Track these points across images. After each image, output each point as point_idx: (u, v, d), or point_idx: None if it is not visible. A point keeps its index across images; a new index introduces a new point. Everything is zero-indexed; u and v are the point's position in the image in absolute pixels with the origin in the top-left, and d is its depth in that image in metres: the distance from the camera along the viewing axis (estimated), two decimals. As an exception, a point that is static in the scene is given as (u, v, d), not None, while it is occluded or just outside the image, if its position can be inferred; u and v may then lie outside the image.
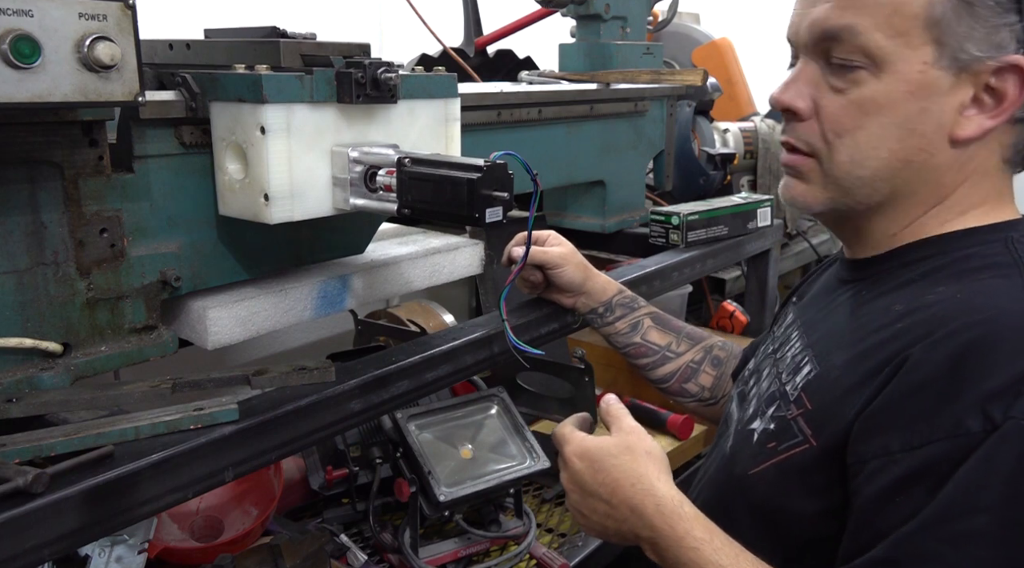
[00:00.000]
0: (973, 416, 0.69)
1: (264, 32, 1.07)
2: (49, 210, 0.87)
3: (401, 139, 1.03)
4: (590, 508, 0.91)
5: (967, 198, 0.85)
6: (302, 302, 1.10)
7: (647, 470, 0.88)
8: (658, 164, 1.98)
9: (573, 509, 0.94)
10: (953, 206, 0.86)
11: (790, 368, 0.93)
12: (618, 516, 0.88)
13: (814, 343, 0.92)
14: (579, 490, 0.92)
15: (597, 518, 0.91)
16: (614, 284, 1.32)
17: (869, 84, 0.81)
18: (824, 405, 0.83)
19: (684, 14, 2.70)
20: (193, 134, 0.98)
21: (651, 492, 0.86)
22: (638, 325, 1.31)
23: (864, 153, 0.84)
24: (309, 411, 0.94)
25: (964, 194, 0.85)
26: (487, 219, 0.87)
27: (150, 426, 0.83)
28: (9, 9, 0.70)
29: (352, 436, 1.48)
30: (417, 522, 1.36)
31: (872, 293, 0.88)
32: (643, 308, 1.32)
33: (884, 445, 0.73)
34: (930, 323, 0.76)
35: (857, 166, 0.84)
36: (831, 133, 0.85)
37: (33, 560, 0.72)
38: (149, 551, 1.18)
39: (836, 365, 0.84)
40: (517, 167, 0.90)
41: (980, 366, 0.70)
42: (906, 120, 0.82)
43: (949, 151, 0.83)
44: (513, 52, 2.10)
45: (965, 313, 0.74)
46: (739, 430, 0.97)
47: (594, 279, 1.29)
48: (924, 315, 0.77)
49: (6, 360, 0.87)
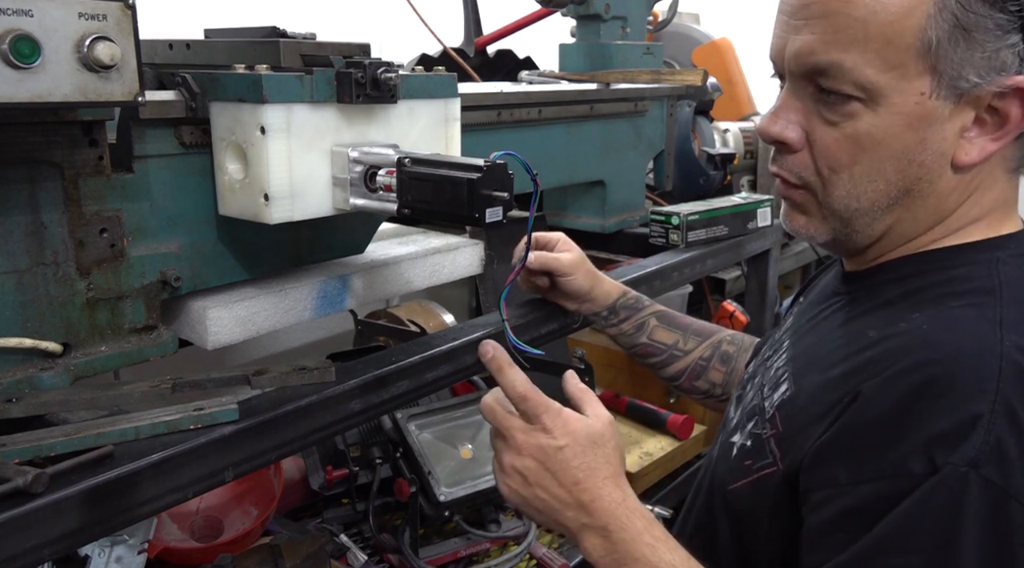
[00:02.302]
0: (916, 458, 0.68)
1: (264, 32, 1.07)
2: (49, 210, 0.87)
3: (401, 139, 1.03)
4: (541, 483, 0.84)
5: (968, 214, 0.82)
6: (302, 302, 1.10)
7: (617, 463, 0.86)
8: (658, 164, 1.98)
9: (513, 473, 0.86)
10: (951, 223, 0.82)
11: (771, 382, 0.92)
12: (568, 501, 0.84)
13: (795, 357, 0.91)
14: (539, 465, 0.84)
15: (542, 495, 0.84)
16: (618, 287, 1.31)
17: (864, 117, 0.77)
18: (791, 430, 0.82)
19: (684, 14, 2.70)
20: (193, 134, 0.98)
21: (620, 486, 0.84)
22: (644, 326, 1.30)
23: (861, 187, 0.80)
24: (309, 411, 0.94)
25: (964, 211, 0.82)
26: (487, 219, 0.87)
27: (150, 426, 0.83)
28: (9, 9, 0.70)
29: (352, 436, 1.48)
30: (417, 522, 1.36)
31: (857, 310, 0.86)
32: (648, 308, 1.32)
33: (832, 477, 0.73)
34: (889, 357, 0.74)
35: (854, 200, 0.81)
36: (825, 168, 0.81)
37: (33, 560, 0.72)
38: (149, 551, 1.18)
39: (806, 390, 0.83)
40: (517, 167, 0.89)
41: (929, 408, 0.69)
42: (904, 152, 0.78)
43: (951, 177, 0.79)
44: (513, 52, 2.10)
45: (923, 349, 0.73)
46: (723, 442, 0.97)
47: (600, 285, 1.28)
48: (889, 346, 0.76)
49: (6, 360, 0.87)
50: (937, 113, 0.76)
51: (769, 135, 0.84)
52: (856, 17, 0.75)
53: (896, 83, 0.75)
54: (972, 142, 0.78)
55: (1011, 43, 0.73)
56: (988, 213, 0.82)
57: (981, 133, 0.78)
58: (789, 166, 0.84)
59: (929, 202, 0.81)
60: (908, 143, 0.77)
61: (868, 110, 0.77)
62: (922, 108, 0.76)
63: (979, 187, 0.81)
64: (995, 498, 0.66)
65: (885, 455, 0.70)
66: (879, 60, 0.75)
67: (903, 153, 0.78)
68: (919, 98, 0.75)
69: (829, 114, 0.79)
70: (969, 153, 0.78)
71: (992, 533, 0.66)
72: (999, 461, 0.66)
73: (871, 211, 0.81)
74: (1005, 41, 0.73)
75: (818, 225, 0.86)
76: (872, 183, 0.80)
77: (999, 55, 0.74)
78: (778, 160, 0.85)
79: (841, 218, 0.83)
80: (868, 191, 0.80)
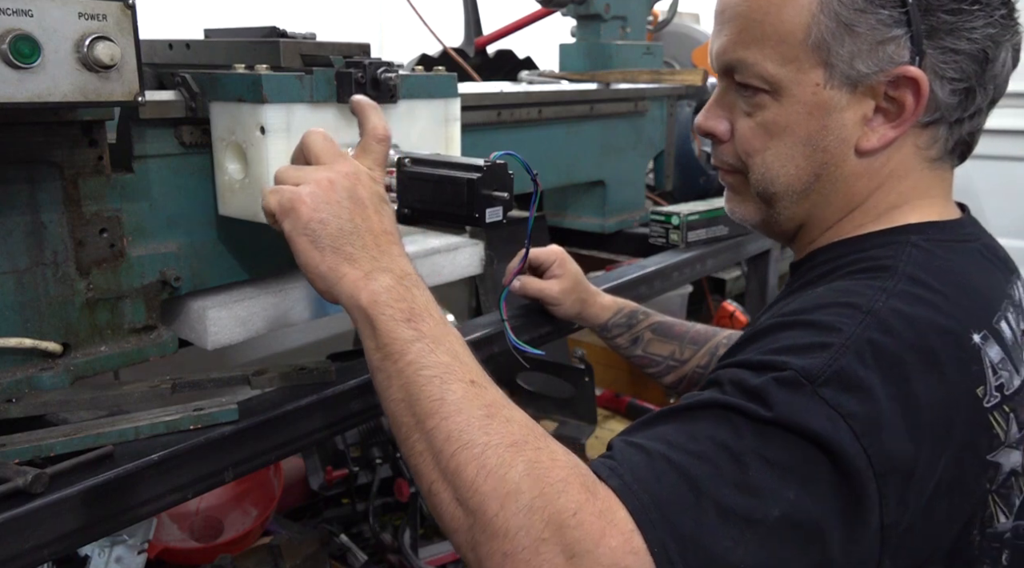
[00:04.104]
0: (725, 377, 0.73)
1: (264, 32, 1.07)
2: (49, 210, 0.87)
3: (401, 139, 1.03)
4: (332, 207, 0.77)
5: (884, 201, 0.87)
6: (302, 302, 1.10)
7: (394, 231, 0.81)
8: (658, 164, 1.99)
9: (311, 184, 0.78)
10: (869, 210, 0.87)
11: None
12: (370, 229, 0.78)
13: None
14: (353, 185, 0.79)
15: (345, 213, 0.77)
16: (609, 307, 1.32)
17: (771, 108, 0.85)
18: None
19: (684, 14, 2.70)
20: (193, 134, 0.98)
21: (403, 256, 0.80)
22: (639, 339, 1.32)
23: (774, 171, 0.88)
24: (309, 411, 0.94)
25: (880, 198, 0.87)
26: (487, 219, 0.87)
27: (150, 426, 0.83)
28: (9, 9, 0.70)
29: (352, 436, 1.48)
30: (417, 522, 1.36)
31: (788, 295, 0.90)
32: (643, 322, 1.33)
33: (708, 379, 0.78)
34: (784, 313, 0.79)
35: (769, 183, 0.88)
36: (743, 153, 0.89)
37: (33, 560, 0.72)
38: (149, 551, 1.18)
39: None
40: (517, 167, 0.89)
41: (791, 334, 0.74)
42: (809, 138, 0.85)
43: (857, 161, 0.85)
44: (513, 52, 2.10)
45: (809, 302, 0.78)
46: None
47: (589, 308, 1.30)
48: (787, 308, 0.80)
49: (6, 360, 0.87)
50: (834, 102, 0.83)
51: (701, 128, 0.94)
52: (755, 19, 0.84)
53: (794, 75, 0.83)
54: (874, 130, 0.84)
55: (894, 35, 0.80)
56: (909, 201, 0.87)
57: (884, 122, 0.84)
58: (720, 154, 0.93)
59: (839, 187, 0.87)
60: (811, 130, 0.85)
61: (774, 101, 0.85)
62: (819, 97, 0.83)
63: (891, 174, 0.86)
64: (828, 414, 0.67)
65: (740, 350, 0.77)
66: (777, 55, 0.83)
67: (807, 139, 0.85)
68: (815, 88, 0.83)
69: (745, 106, 0.88)
70: (870, 140, 0.84)
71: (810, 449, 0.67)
72: (837, 384, 0.69)
73: (787, 195, 0.89)
74: (888, 34, 0.80)
75: (750, 208, 0.94)
76: (783, 168, 0.87)
77: (884, 47, 0.80)
78: (714, 150, 0.95)
79: (764, 200, 0.91)
80: (781, 175, 0.88)
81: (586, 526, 0.64)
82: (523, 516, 0.64)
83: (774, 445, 0.67)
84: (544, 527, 0.64)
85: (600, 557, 0.63)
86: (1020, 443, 0.79)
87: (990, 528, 0.78)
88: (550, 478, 0.66)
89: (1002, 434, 0.76)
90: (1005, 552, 0.80)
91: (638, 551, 0.63)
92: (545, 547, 0.64)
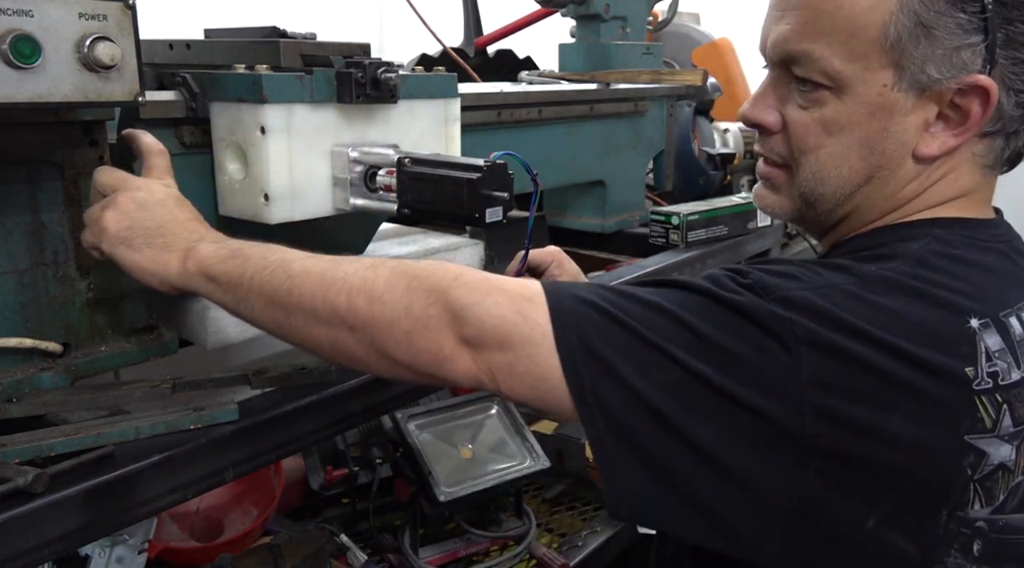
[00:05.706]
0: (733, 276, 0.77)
1: (264, 32, 1.07)
2: (49, 210, 0.87)
3: (401, 139, 1.03)
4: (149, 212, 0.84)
5: (925, 203, 0.85)
6: (302, 302, 1.10)
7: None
8: (658, 164, 1.98)
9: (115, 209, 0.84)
10: (909, 211, 0.86)
11: None
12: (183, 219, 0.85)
13: None
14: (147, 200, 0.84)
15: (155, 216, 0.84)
16: None
17: (831, 104, 0.82)
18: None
19: (684, 14, 2.69)
20: (193, 134, 0.98)
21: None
22: None
23: (826, 170, 0.85)
24: (309, 411, 0.94)
25: (924, 200, 0.85)
26: (487, 219, 0.87)
27: (150, 426, 0.83)
28: (9, 9, 0.70)
29: (352, 436, 1.48)
30: (417, 522, 1.37)
31: None
32: None
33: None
34: None
35: (819, 183, 0.86)
36: (796, 149, 0.86)
37: (33, 560, 0.72)
38: (149, 551, 1.18)
39: None
40: (517, 167, 0.90)
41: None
42: (867, 139, 0.82)
43: (912, 166, 0.83)
44: (513, 52, 2.10)
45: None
46: None
47: None
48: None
49: (6, 360, 0.87)
50: (899, 105, 0.80)
51: (749, 118, 0.90)
52: (826, 10, 0.80)
53: (860, 74, 0.80)
54: (934, 136, 0.81)
55: (971, 42, 0.77)
56: (946, 201, 0.85)
57: (945, 128, 0.81)
58: (769, 146, 0.90)
59: (887, 191, 0.85)
60: (871, 131, 0.82)
61: (835, 98, 0.81)
62: (884, 99, 0.80)
63: (942, 180, 0.84)
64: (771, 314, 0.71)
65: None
66: (845, 51, 0.79)
67: (866, 141, 0.82)
68: (882, 89, 0.80)
69: (801, 100, 0.84)
70: (930, 146, 0.81)
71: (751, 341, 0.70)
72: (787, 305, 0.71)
73: (834, 197, 0.86)
74: (965, 40, 0.77)
75: (785, 204, 0.91)
76: (837, 168, 0.84)
77: (960, 53, 0.77)
78: (760, 140, 0.91)
79: (806, 200, 0.88)
80: (833, 176, 0.85)
81: (472, 285, 0.71)
82: (402, 298, 0.72)
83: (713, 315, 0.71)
84: (426, 296, 0.72)
85: (489, 307, 0.69)
86: (1014, 438, 0.78)
87: (960, 512, 0.75)
88: (414, 270, 0.74)
89: (988, 421, 0.75)
90: (977, 542, 0.78)
91: (534, 297, 0.71)
92: (433, 309, 0.71)
